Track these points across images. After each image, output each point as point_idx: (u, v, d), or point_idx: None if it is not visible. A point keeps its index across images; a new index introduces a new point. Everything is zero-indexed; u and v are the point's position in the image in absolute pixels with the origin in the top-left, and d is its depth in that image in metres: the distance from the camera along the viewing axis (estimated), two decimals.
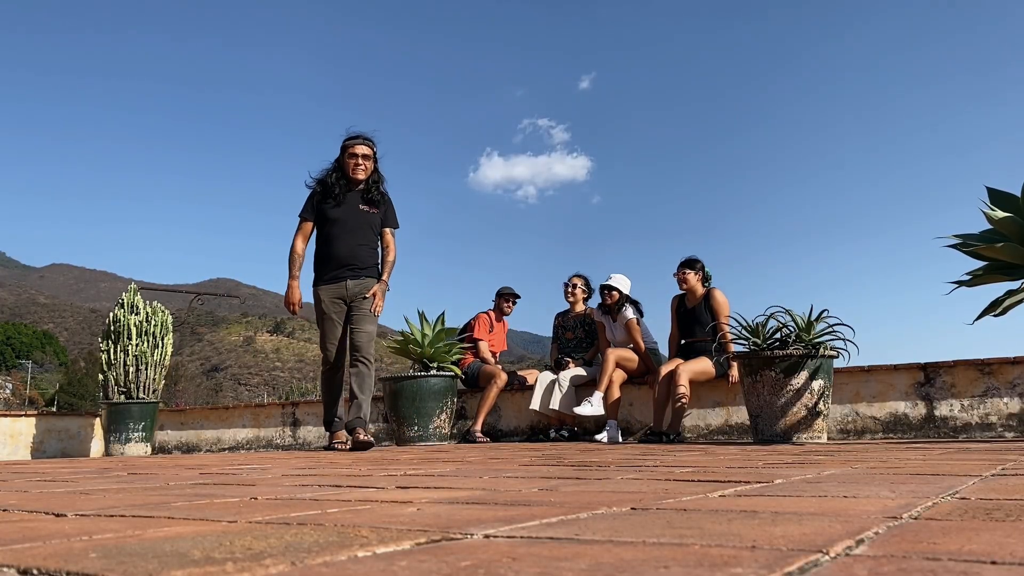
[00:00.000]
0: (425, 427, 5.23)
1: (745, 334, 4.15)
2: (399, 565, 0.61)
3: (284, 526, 0.88)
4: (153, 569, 0.61)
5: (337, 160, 4.66)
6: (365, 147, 4.60)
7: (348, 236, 4.57)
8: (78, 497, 1.34)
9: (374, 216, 4.64)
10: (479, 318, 6.07)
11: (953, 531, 0.75)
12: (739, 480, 1.45)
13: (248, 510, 1.07)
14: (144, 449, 6.42)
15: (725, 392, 5.15)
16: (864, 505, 0.98)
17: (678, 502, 1.06)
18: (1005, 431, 4.51)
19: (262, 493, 1.35)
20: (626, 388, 5.28)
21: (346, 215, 4.58)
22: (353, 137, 4.66)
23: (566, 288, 5.91)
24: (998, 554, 0.63)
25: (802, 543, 0.69)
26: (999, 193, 3.82)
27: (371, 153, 4.62)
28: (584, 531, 0.79)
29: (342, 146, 4.66)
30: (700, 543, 0.70)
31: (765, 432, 3.97)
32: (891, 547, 0.67)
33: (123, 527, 0.89)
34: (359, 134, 4.66)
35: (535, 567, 0.59)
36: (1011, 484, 1.28)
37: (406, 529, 0.83)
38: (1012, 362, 4.56)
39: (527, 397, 5.70)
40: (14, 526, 0.93)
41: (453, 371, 5.43)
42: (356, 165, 4.56)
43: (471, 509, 1.02)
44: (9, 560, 0.66)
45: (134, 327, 6.65)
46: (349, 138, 4.66)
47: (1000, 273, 3.76)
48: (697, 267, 5.08)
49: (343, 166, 4.60)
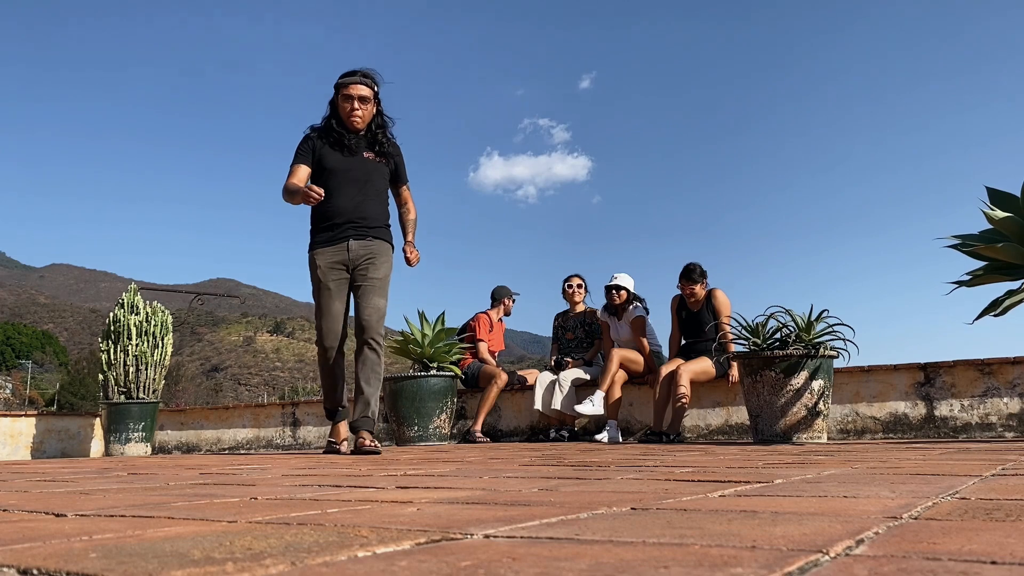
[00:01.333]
0: (425, 427, 5.23)
1: (745, 334, 4.15)
2: (399, 565, 0.61)
3: (284, 526, 0.88)
4: (153, 569, 0.61)
5: (332, 103, 3.85)
6: (363, 87, 3.77)
7: (351, 187, 3.78)
8: (78, 497, 1.34)
9: (382, 167, 3.88)
10: (479, 318, 6.07)
11: (953, 531, 0.75)
12: (739, 480, 1.45)
13: (248, 510, 1.07)
14: (144, 449, 6.42)
15: (725, 392, 5.15)
16: (864, 505, 0.98)
17: (678, 502, 1.06)
18: (1005, 431, 4.51)
19: (262, 493, 1.35)
20: (626, 388, 5.28)
21: (348, 164, 3.79)
22: (349, 74, 3.81)
23: (567, 289, 5.90)
24: (998, 554, 0.63)
25: (802, 543, 0.69)
26: (999, 193, 3.82)
27: (370, 94, 3.80)
28: (584, 531, 0.79)
29: (335, 86, 3.82)
30: (700, 543, 0.70)
31: (765, 432, 3.97)
32: (891, 547, 0.67)
33: (123, 527, 0.89)
34: (356, 71, 3.82)
35: (535, 567, 0.59)
36: (1011, 484, 1.28)
37: (406, 529, 0.83)
38: (1012, 362, 4.56)
39: (527, 397, 5.70)
40: (14, 526, 0.93)
41: (453, 371, 5.43)
42: (353, 110, 3.75)
43: (471, 509, 1.02)
44: (9, 560, 0.66)
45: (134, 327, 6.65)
46: (344, 76, 3.81)
47: (1000, 273, 3.76)
48: (699, 276, 5.06)
49: (338, 111, 3.80)
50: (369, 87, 3.79)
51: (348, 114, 3.76)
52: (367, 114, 3.80)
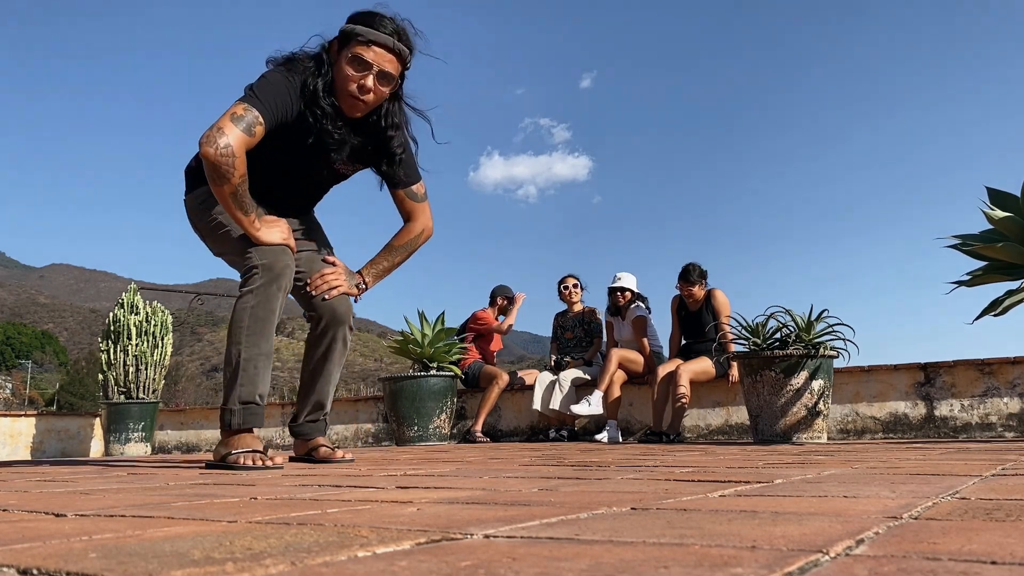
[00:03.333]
0: (425, 427, 5.24)
1: (745, 334, 4.15)
2: (399, 565, 0.61)
3: (284, 526, 0.88)
4: (153, 569, 0.61)
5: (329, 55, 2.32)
6: (392, 56, 2.29)
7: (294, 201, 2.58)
8: (78, 497, 1.34)
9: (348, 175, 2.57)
10: (481, 315, 6.07)
11: (953, 531, 0.75)
12: (739, 480, 1.45)
13: (248, 510, 1.07)
14: (144, 449, 6.42)
15: (725, 392, 5.16)
16: (864, 505, 0.98)
17: (678, 502, 1.06)
18: (1005, 431, 4.51)
19: (262, 493, 1.35)
20: (626, 388, 5.28)
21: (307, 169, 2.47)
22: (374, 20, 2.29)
23: (563, 291, 5.90)
24: (998, 554, 0.63)
25: (802, 543, 0.69)
26: (999, 193, 3.82)
27: (396, 71, 2.33)
28: (584, 531, 0.79)
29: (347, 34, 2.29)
30: (700, 543, 0.70)
31: (765, 432, 3.97)
32: (891, 547, 0.67)
33: (123, 527, 0.89)
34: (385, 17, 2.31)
35: (535, 567, 0.59)
36: (1011, 484, 1.28)
37: (406, 529, 0.83)
38: (1012, 362, 4.56)
39: (527, 397, 5.70)
40: (14, 526, 0.93)
41: (453, 371, 5.43)
42: (363, 89, 2.28)
43: (471, 509, 1.02)
44: (9, 560, 0.66)
45: (134, 327, 6.65)
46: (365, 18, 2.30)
47: (1000, 273, 3.76)
48: (697, 277, 5.05)
49: (339, 77, 2.29)
50: (400, 59, 2.33)
51: (353, 92, 2.29)
52: (378, 98, 2.34)
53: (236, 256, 2.39)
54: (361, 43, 2.27)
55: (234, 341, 2.25)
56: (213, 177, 2.16)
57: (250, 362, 2.24)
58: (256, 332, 2.24)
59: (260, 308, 2.24)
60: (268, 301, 2.25)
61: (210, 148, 2.11)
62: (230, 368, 2.25)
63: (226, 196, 2.20)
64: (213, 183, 2.18)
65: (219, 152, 2.11)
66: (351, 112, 2.35)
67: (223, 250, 2.49)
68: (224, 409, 2.26)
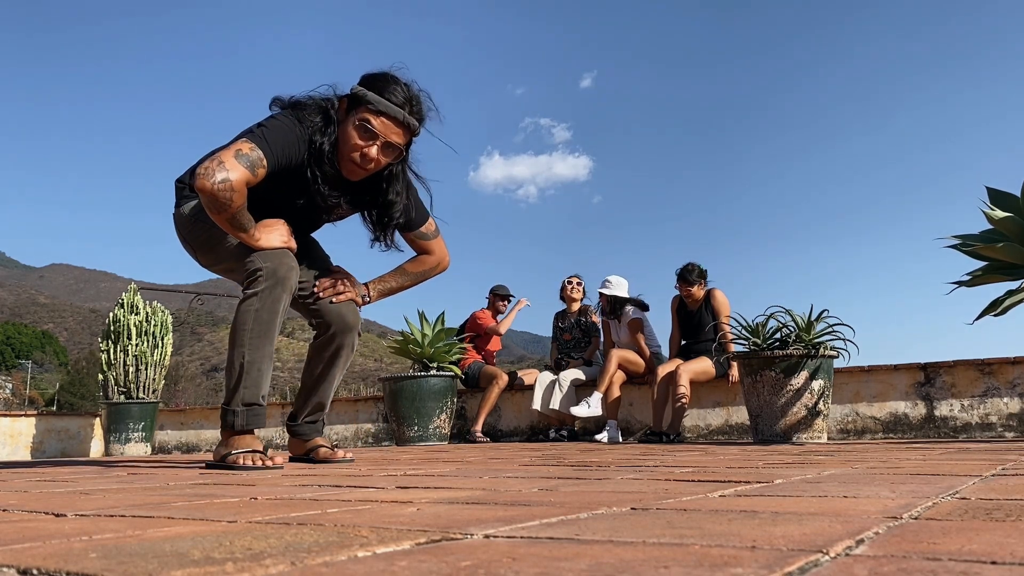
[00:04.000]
0: (425, 427, 5.24)
1: (745, 334, 4.15)
2: (399, 565, 0.61)
3: (284, 526, 0.88)
4: (153, 569, 0.61)
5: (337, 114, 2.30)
6: (401, 130, 2.29)
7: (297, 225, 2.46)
8: (78, 497, 1.34)
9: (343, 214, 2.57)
10: (483, 315, 6.08)
11: (953, 531, 0.75)
12: (739, 480, 1.45)
13: (248, 510, 1.07)
14: (144, 449, 6.42)
15: (725, 392, 5.16)
16: (864, 505, 0.98)
17: (678, 502, 1.06)
18: (1005, 431, 4.51)
19: (262, 493, 1.35)
20: (626, 388, 5.28)
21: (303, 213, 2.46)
22: (390, 87, 2.28)
23: (567, 287, 5.90)
24: (998, 554, 0.63)
25: (802, 543, 0.69)
26: (999, 193, 3.82)
27: (403, 143, 2.33)
28: (584, 531, 0.79)
29: (359, 98, 2.27)
30: (700, 543, 0.70)
31: (765, 432, 3.97)
32: (891, 547, 0.67)
33: (123, 527, 0.89)
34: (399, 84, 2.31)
35: (535, 567, 0.59)
36: (1011, 484, 1.28)
37: (406, 529, 0.83)
38: (1012, 362, 4.56)
39: (527, 397, 5.70)
40: (14, 526, 0.93)
41: (453, 371, 5.43)
42: (366, 158, 2.28)
43: (471, 509, 1.02)
44: (9, 560, 0.66)
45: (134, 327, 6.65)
46: (379, 84, 2.29)
47: (1000, 273, 3.76)
48: (696, 278, 5.05)
49: (341, 141, 2.28)
50: (408, 132, 2.32)
51: (355, 159, 2.28)
52: (379, 167, 2.34)
53: (235, 264, 2.38)
54: (371, 111, 2.26)
55: (238, 343, 2.25)
56: (210, 207, 2.16)
57: (254, 365, 2.25)
58: (260, 335, 2.25)
59: (264, 311, 2.25)
60: (273, 304, 2.25)
61: (207, 181, 2.10)
62: (233, 370, 2.26)
63: (224, 222, 2.21)
64: (210, 211, 2.18)
65: (216, 186, 2.10)
66: (349, 176, 2.35)
67: (219, 262, 2.47)
68: (227, 410, 2.26)
